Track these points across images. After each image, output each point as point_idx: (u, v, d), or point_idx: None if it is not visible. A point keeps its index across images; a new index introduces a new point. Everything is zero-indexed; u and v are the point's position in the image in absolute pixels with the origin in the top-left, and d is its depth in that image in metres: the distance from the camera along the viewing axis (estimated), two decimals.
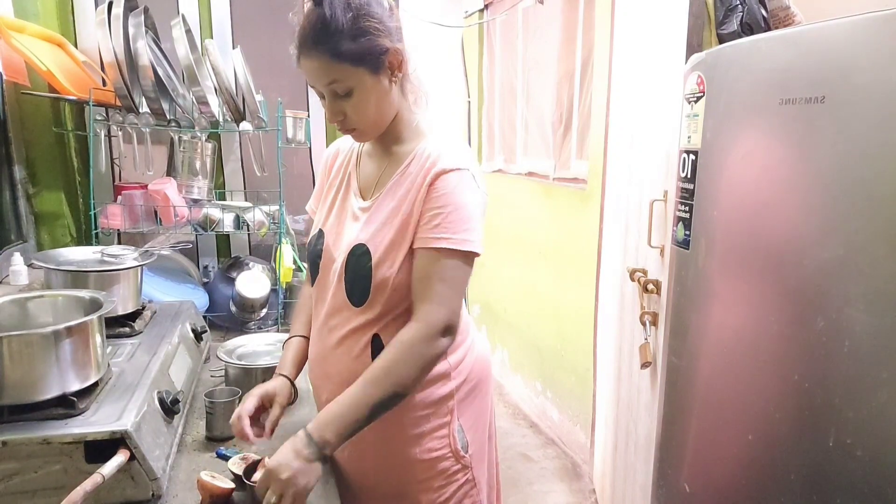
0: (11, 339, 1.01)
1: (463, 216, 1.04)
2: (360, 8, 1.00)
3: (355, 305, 1.11)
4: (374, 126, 1.10)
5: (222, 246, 2.34)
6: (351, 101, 1.05)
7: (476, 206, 1.07)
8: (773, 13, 1.66)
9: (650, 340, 1.85)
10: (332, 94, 1.05)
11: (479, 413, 1.24)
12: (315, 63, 1.02)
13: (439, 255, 1.03)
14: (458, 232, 1.03)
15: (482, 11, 3.85)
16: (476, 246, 1.05)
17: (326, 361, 1.18)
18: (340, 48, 1.00)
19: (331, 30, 0.99)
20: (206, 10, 2.21)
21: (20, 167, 1.96)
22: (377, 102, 1.06)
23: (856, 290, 1.05)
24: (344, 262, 1.11)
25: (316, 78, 1.04)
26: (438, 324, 1.03)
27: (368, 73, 1.03)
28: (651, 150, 1.92)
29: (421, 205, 1.05)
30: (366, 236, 1.09)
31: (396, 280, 1.07)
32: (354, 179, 1.20)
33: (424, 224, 1.05)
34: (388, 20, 1.04)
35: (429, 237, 1.04)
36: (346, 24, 0.99)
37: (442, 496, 1.17)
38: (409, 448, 1.15)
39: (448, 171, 1.05)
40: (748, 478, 1.27)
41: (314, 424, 1.01)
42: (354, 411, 1.01)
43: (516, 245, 3.62)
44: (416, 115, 1.16)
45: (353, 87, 1.03)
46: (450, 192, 1.04)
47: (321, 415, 1.03)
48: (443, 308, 1.03)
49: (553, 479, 2.87)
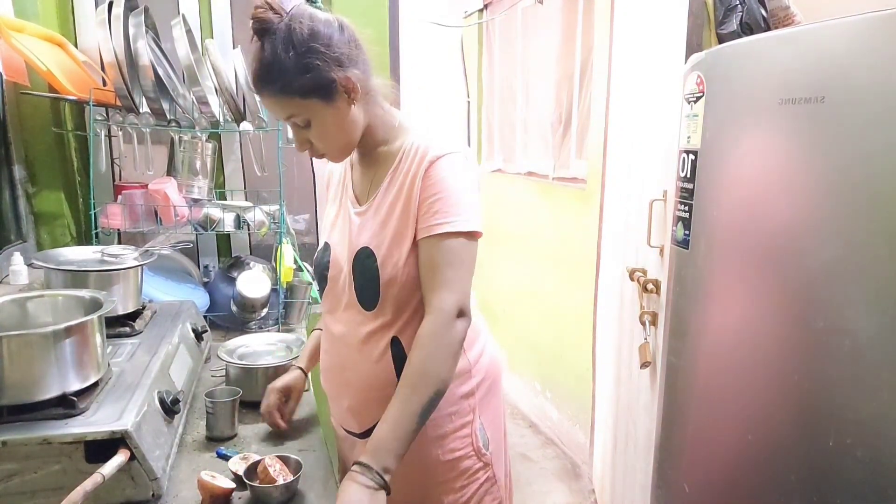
0: (11, 339, 1.01)
1: (460, 198, 1.05)
2: (303, 44, 1.00)
3: (368, 309, 1.12)
4: (342, 148, 1.12)
5: (223, 246, 2.34)
6: (312, 131, 1.07)
7: (471, 185, 1.08)
8: (772, 13, 1.66)
9: (650, 340, 1.85)
10: (294, 126, 1.08)
11: (496, 411, 1.26)
12: (268, 100, 1.05)
13: (443, 240, 1.04)
14: (458, 214, 1.04)
15: (481, 11, 3.86)
16: (476, 224, 1.06)
17: (345, 371, 1.18)
18: (289, 86, 1.01)
19: (274, 70, 1.00)
20: (206, 10, 2.21)
21: (20, 167, 1.96)
22: (338, 127, 1.07)
23: (856, 290, 1.05)
24: (351, 269, 1.12)
25: (275, 112, 1.08)
26: (452, 308, 1.03)
27: (321, 103, 1.03)
28: (650, 149, 1.92)
29: (418, 196, 1.06)
30: (367, 238, 1.10)
31: (403, 275, 1.08)
32: (350, 188, 1.21)
33: (424, 213, 1.06)
34: (337, 46, 1.02)
35: (430, 225, 1.05)
36: (289, 63, 1.00)
37: (464, 496, 1.18)
38: (431, 450, 1.15)
39: (439, 157, 1.06)
40: (748, 478, 1.27)
41: (369, 454, 0.97)
42: (404, 426, 0.99)
43: (515, 244, 3.62)
44: (394, 116, 1.16)
45: (309, 118, 1.05)
46: (444, 176, 1.05)
47: (373, 442, 0.98)
48: (453, 292, 1.04)
49: (552, 479, 2.87)
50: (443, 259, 1.04)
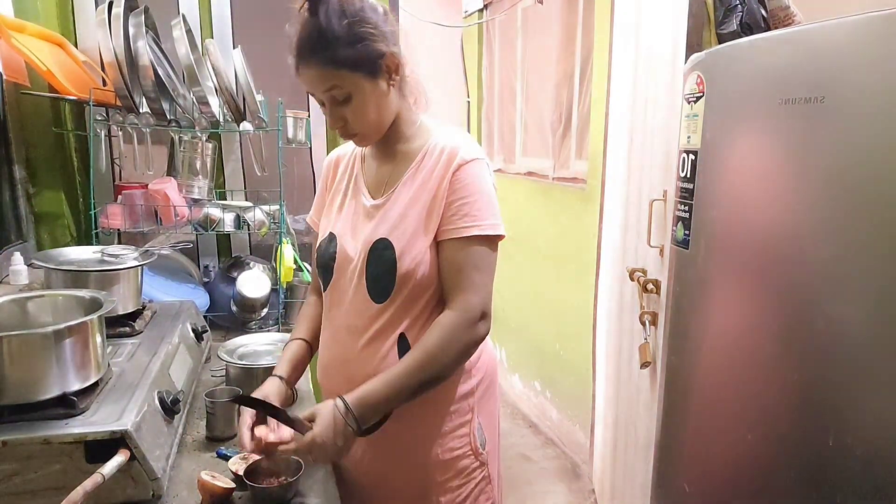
0: (11, 339, 1.01)
1: (487, 202, 1.09)
2: (355, 15, 1.03)
3: (377, 302, 1.12)
4: (375, 129, 1.13)
5: (223, 246, 2.34)
6: (350, 106, 1.07)
7: (493, 191, 1.13)
8: (772, 13, 1.66)
9: (650, 340, 1.85)
10: (332, 100, 1.07)
11: (493, 411, 1.26)
12: (313, 71, 1.05)
13: (470, 243, 1.08)
14: (485, 218, 1.08)
15: (481, 11, 3.86)
16: (502, 229, 1.10)
17: (350, 365, 1.17)
18: (337, 55, 1.02)
19: (327, 38, 1.02)
20: (206, 10, 2.20)
21: (20, 167, 1.95)
22: (376, 106, 1.09)
23: (856, 289, 1.05)
24: (365, 260, 1.13)
25: (315, 85, 1.07)
26: (476, 310, 1.07)
27: (366, 78, 1.05)
28: (651, 150, 1.92)
29: (444, 196, 1.08)
30: (386, 230, 1.11)
31: (420, 271, 1.09)
32: (362, 181, 1.21)
33: (451, 215, 1.08)
34: (383, 25, 1.07)
35: (458, 227, 1.08)
36: (341, 32, 1.02)
37: (461, 495, 1.18)
38: (430, 448, 1.16)
39: (468, 161, 1.09)
40: (748, 478, 1.27)
41: (357, 400, 1.02)
42: (397, 393, 1.04)
43: (516, 245, 3.62)
44: (418, 115, 1.18)
45: (351, 92, 1.06)
46: (472, 181, 1.09)
47: (364, 392, 1.03)
48: (478, 295, 1.08)
49: (552, 479, 2.87)
50: (469, 261, 1.08)
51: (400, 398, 1.04)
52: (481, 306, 1.08)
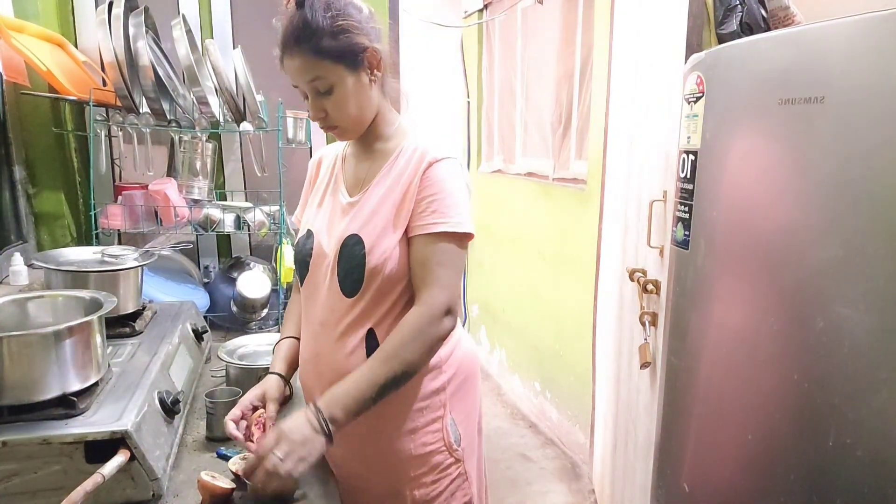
0: (11, 339, 1.01)
1: (456, 201, 1.10)
2: (340, 10, 1.07)
3: (348, 296, 1.14)
4: (355, 123, 1.15)
5: (223, 246, 2.34)
6: (332, 98, 1.10)
7: (464, 190, 1.14)
8: (772, 13, 1.66)
9: (650, 341, 1.86)
10: (314, 91, 1.10)
11: (469, 408, 1.26)
12: (297, 61, 1.08)
13: (437, 239, 1.09)
14: (453, 216, 1.09)
15: (481, 11, 3.86)
16: (469, 227, 1.11)
17: (320, 359, 1.19)
18: (321, 45, 1.06)
19: (312, 28, 1.05)
20: (206, 10, 2.21)
21: (20, 167, 1.96)
22: (357, 99, 1.11)
23: (856, 290, 1.05)
24: (336, 255, 1.14)
25: (298, 76, 1.10)
26: (441, 305, 1.08)
27: (348, 70, 1.08)
28: (650, 150, 1.92)
29: (415, 194, 1.10)
30: (357, 227, 1.13)
31: (388, 266, 1.11)
32: (341, 179, 1.23)
33: (420, 212, 1.10)
34: (367, 22, 1.10)
35: (426, 223, 1.09)
36: (325, 24, 1.06)
37: (435, 490, 1.19)
38: (403, 444, 1.17)
39: (438, 160, 1.11)
40: (748, 478, 1.27)
41: (323, 400, 1.04)
42: (364, 389, 1.04)
43: (515, 245, 3.62)
44: (397, 116, 1.21)
45: (333, 83, 1.09)
46: (441, 179, 1.10)
47: (331, 391, 1.05)
48: (444, 290, 1.09)
49: (552, 479, 2.87)
50: (434, 258, 1.09)
51: (368, 392, 1.04)
52: (446, 302, 1.08)
